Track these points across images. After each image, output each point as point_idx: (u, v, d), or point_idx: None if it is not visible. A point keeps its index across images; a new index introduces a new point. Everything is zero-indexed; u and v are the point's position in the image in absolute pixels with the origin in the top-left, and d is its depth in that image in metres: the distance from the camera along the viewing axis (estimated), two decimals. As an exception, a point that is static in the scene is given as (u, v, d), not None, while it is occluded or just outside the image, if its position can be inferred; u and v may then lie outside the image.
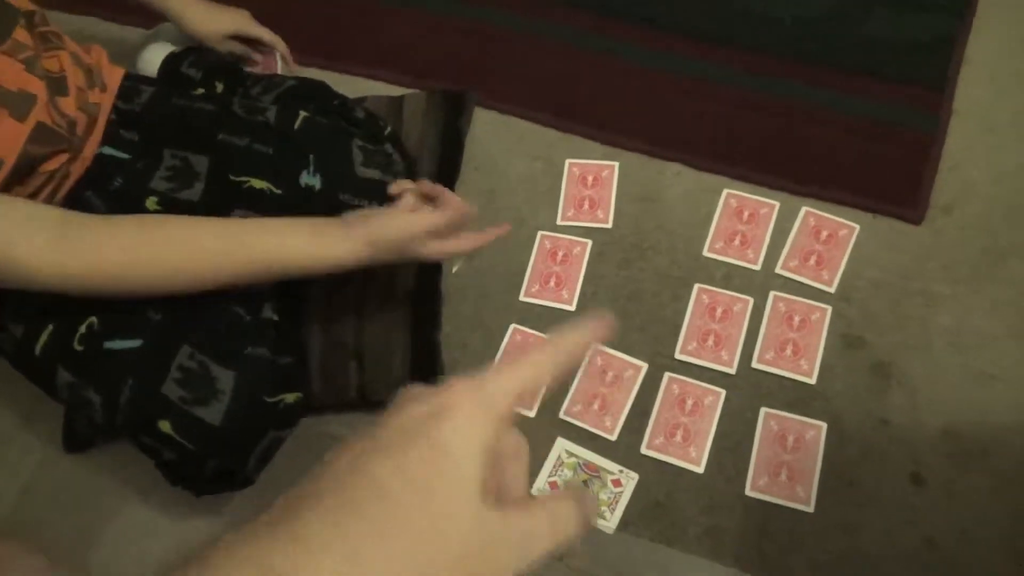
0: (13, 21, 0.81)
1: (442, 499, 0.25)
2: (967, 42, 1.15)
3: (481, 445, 0.26)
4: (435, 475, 0.25)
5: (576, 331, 0.30)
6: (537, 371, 0.29)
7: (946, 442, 0.93)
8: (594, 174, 1.11)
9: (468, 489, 0.25)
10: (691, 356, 0.99)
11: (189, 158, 0.95)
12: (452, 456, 0.26)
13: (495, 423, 0.27)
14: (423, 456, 0.26)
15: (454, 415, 0.27)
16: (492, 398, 0.27)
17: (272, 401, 0.87)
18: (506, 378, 0.28)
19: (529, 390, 0.28)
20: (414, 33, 1.26)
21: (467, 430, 0.26)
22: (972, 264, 1.01)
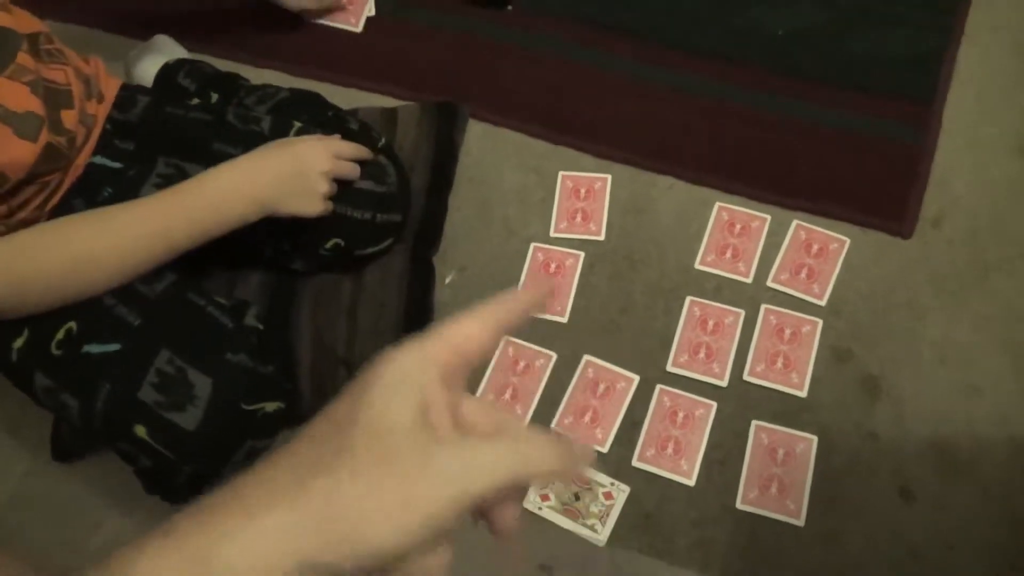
0: (16, 47, 0.82)
1: (360, 425, 0.26)
2: (956, 58, 1.16)
3: (406, 377, 0.27)
4: (354, 404, 0.27)
5: (523, 294, 0.32)
6: (469, 326, 0.30)
7: (933, 455, 0.94)
8: (587, 186, 1.12)
9: (395, 410, 0.26)
10: (683, 368, 0.99)
11: (183, 166, 0.96)
12: (372, 390, 0.27)
13: (422, 362, 0.28)
14: (345, 398, 0.28)
15: (380, 363, 0.28)
16: (420, 343, 0.29)
17: (250, 409, 0.86)
18: (439, 331, 0.29)
19: (465, 344, 0.29)
20: (407, 45, 1.27)
21: (389, 367, 0.28)
22: (960, 278, 1.02)
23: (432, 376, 0.28)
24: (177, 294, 0.90)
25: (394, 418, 0.26)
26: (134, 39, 1.28)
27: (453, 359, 0.29)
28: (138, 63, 1.18)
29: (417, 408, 0.27)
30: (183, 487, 0.87)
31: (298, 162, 0.89)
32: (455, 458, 0.26)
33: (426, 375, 0.28)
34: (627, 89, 1.19)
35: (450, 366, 0.29)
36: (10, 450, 1.07)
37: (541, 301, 0.32)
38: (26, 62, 0.82)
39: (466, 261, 1.10)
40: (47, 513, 1.03)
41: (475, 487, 0.26)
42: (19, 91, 0.81)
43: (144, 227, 0.84)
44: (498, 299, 0.31)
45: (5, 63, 0.80)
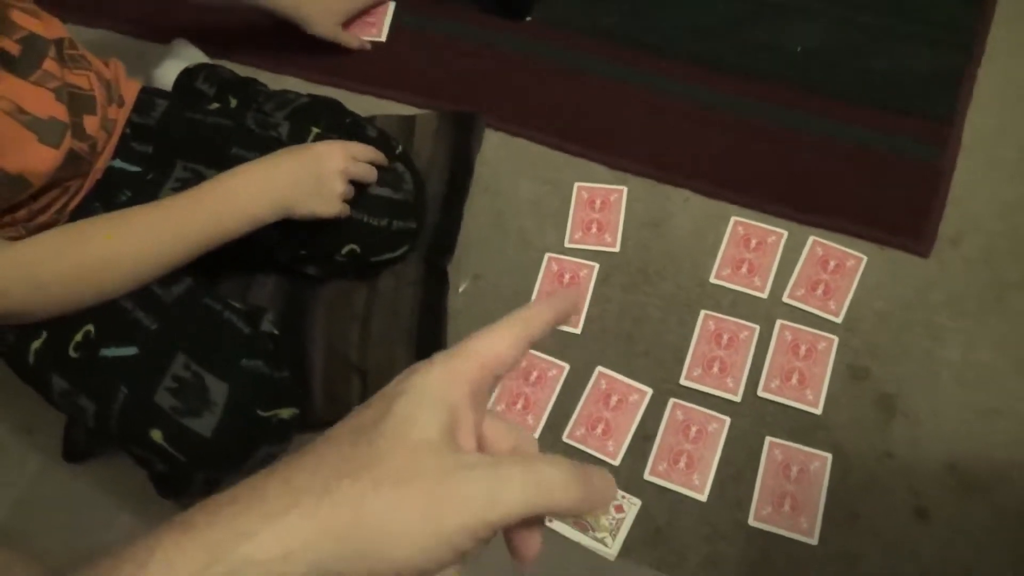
0: (43, 53, 0.83)
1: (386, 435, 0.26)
2: (976, 76, 1.16)
3: (436, 393, 0.28)
4: (383, 414, 0.27)
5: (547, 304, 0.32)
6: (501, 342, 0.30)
7: (950, 476, 0.93)
8: (602, 198, 1.12)
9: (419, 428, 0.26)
10: (696, 382, 0.99)
11: (201, 170, 0.96)
12: (401, 400, 0.27)
13: (454, 380, 0.28)
14: (374, 406, 0.28)
15: (411, 374, 0.29)
16: (452, 359, 0.29)
17: (266, 415, 0.86)
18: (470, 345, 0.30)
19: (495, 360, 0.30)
20: (426, 55, 1.28)
21: (421, 382, 0.28)
22: (978, 298, 1.01)
23: (462, 394, 0.28)
24: (194, 299, 0.91)
25: (422, 433, 0.26)
26: (155, 43, 1.29)
27: (482, 375, 0.29)
28: (158, 67, 1.19)
29: (445, 426, 0.27)
30: (197, 492, 0.86)
31: (315, 163, 0.89)
32: (480, 484, 0.26)
33: (456, 393, 0.28)
34: (644, 102, 1.19)
35: (478, 383, 0.29)
36: (22, 451, 1.07)
37: (567, 313, 0.32)
38: (52, 68, 0.83)
39: (480, 270, 1.10)
40: (58, 514, 1.04)
41: (497, 515, 0.26)
42: (44, 97, 0.82)
43: (161, 229, 0.84)
44: (523, 311, 0.31)
45: (32, 69, 0.81)
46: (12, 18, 0.82)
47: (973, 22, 1.20)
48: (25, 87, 0.81)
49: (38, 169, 0.80)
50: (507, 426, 0.31)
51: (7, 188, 0.79)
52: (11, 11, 0.82)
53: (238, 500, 0.25)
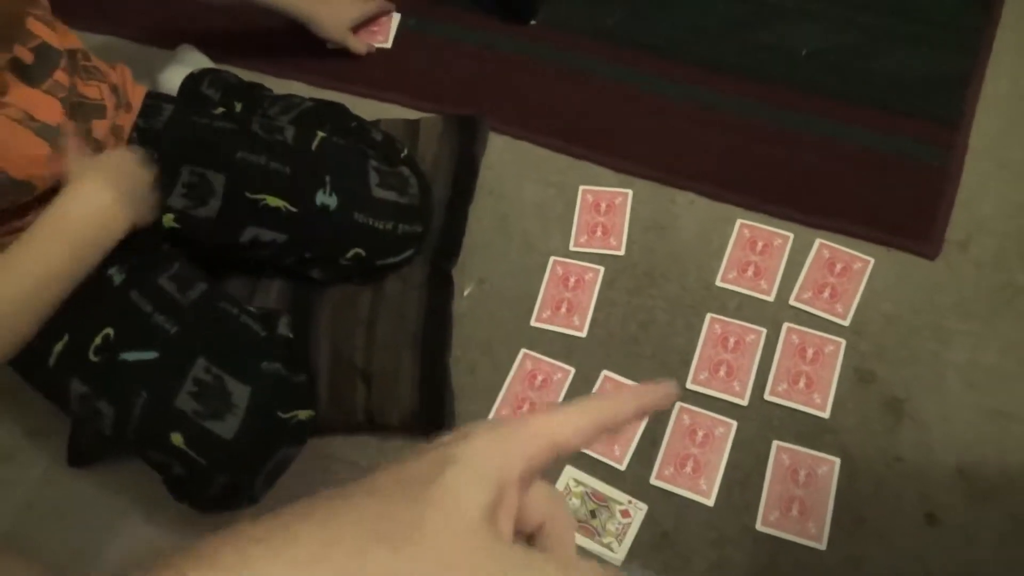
0: (55, 63, 0.83)
1: (434, 505, 0.25)
2: (983, 78, 1.15)
3: (490, 469, 0.26)
4: (433, 477, 0.25)
5: (633, 395, 0.30)
6: (571, 425, 0.28)
7: (960, 481, 0.92)
8: (607, 201, 1.12)
9: (465, 503, 0.25)
10: (702, 386, 0.98)
11: (207, 175, 0.96)
12: (453, 469, 0.25)
13: (512, 456, 0.27)
14: (426, 464, 0.26)
15: (472, 436, 0.27)
16: (516, 431, 0.27)
17: (285, 417, 0.87)
18: (539, 421, 0.28)
19: (560, 443, 0.28)
20: (431, 59, 1.28)
21: (477, 451, 0.26)
22: (986, 301, 1.01)
23: (515, 475, 0.27)
24: (210, 303, 0.91)
25: (466, 512, 0.25)
26: (161, 49, 1.29)
27: (540, 457, 0.27)
28: (163, 72, 1.19)
29: (489, 505, 0.26)
30: (215, 495, 0.86)
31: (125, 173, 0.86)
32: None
33: (509, 472, 0.27)
34: (649, 105, 1.19)
35: (535, 464, 0.27)
36: (28, 456, 1.07)
37: (652, 408, 0.31)
38: (62, 79, 0.83)
39: (485, 273, 1.09)
40: (64, 519, 1.03)
41: None
42: (53, 105, 0.82)
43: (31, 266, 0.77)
44: (605, 400, 0.30)
45: (43, 78, 0.82)
46: (28, 27, 0.82)
47: (979, 24, 1.19)
48: (36, 95, 0.81)
49: (43, 174, 0.81)
50: (547, 494, 0.30)
51: (12, 192, 0.79)
52: (28, 20, 0.83)
53: (269, 540, 0.24)
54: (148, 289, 0.89)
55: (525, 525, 0.29)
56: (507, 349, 1.04)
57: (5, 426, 1.10)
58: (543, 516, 0.29)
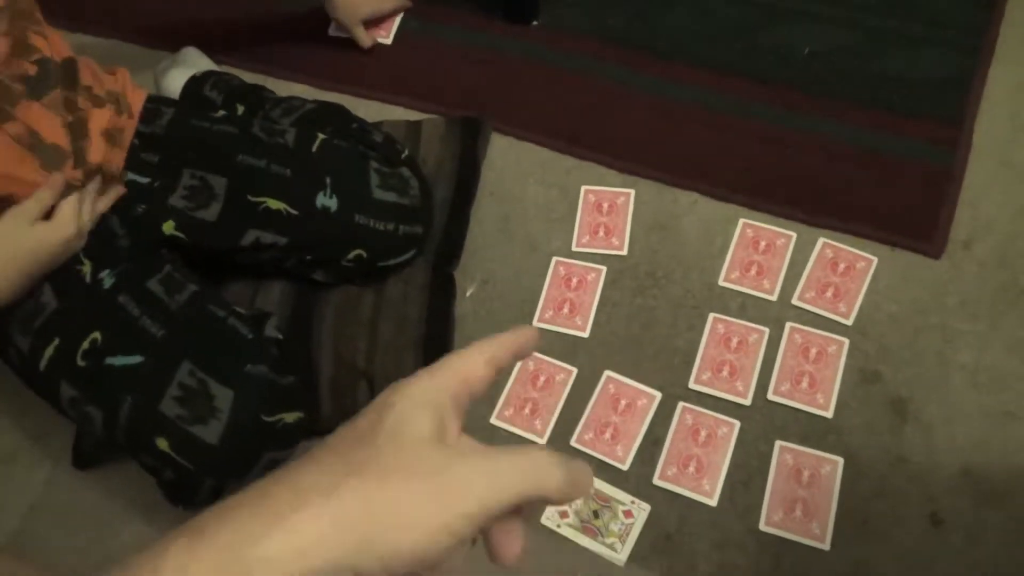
0: (55, 76, 0.84)
1: (384, 433, 0.28)
2: (986, 78, 1.15)
3: (423, 399, 0.30)
4: (377, 421, 0.29)
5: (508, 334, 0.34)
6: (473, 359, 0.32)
7: (965, 482, 0.91)
8: (610, 201, 1.11)
9: (417, 426, 0.28)
10: (705, 386, 0.98)
11: (208, 178, 0.96)
12: (392, 410, 0.29)
13: (436, 388, 0.31)
14: (367, 416, 0.29)
15: (397, 387, 0.31)
16: (431, 373, 0.32)
17: (270, 420, 0.86)
18: (445, 361, 0.32)
19: (470, 375, 0.32)
20: (433, 60, 1.28)
21: (406, 391, 0.30)
22: (991, 300, 1.00)
23: (446, 401, 0.30)
24: (198, 306, 0.91)
25: (417, 431, 0.28)
26: (163, 51, 1.30)
27: (460, 389, 0.31)
28: (166, 75, 1.20)
29: (437, 425, 0.29)
30: (205, 499, 0.86)
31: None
32: (479, 471, 0.28)
33: (441, 399, 0.30)
34: (651, 106, 1.19)
35: (458, 395, 0.31)
36: (32, 458, 1.08)
37: (527, 347, 0.35)
38: (58, 93, 0.84)
39: (487, 274, 1.09)
40: (68, 521, 1.04)
41: (496, 500, 0.27)
42: (53, 122, 0.83)
43: None
44: (492, 338, 0.34)
45: (45, 91, 0.82)
46: (29, 40, 0.83)
47: (982, 23, 1.19)
48: (39, 110, 0.82)
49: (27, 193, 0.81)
50: None
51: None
52: (28, 33, 0.83)
53: (247, 504, 0.26)
54: (136, 293, 0.89)
55: None
56: (509, 350, 1.03)
57: (9, 428, 1.10)
58: None
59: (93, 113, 0.90)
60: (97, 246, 0.91)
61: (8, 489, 1.06)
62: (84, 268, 0.89)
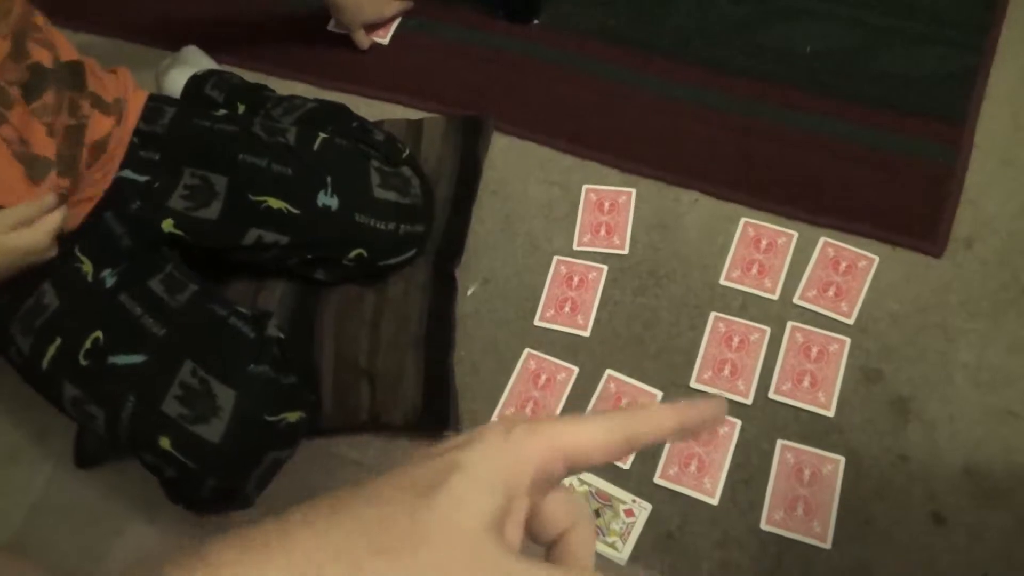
0: (47, 83, 0.83)
1: (436, 514, 0.24)
2: (988, 76, 1.14)
3: (497, 476, 0.25)
4: (437, 484, 0.24)
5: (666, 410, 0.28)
6: (590, 437, 0.27)
7: (967, 481, 0.91)
8: (611, 200, 1.11)
9: (469, 512, 0.24)
10: (706, 385, 0.98)
11: (208, 177, 0.96)
12: (458, 475, 0.24)
13: (522, 464, 0.25)
14: (431, 470, 0.25)
15: (480, 442, 0.25)
16: (528, 438, 0.26)
17: (273, 420, 0.86)
18: (555, 429, 0.26)
19: (575, 455, 0.26)
20: (434, 59, 1.28)
21: (485, 458, 0.25)
22: (993, 299, 1.00)
23: (524, 483, 0.25)
24: (199, 305, 0.91)
25: (470, 521, 0.24)
26: (165, 50, 1.30)
27: (554, 466, 0.26)
28: (167, 74, 1.20)
29: (496, 516, 0.25)
30: (208, 498, 0.86)
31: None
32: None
33: (519, 479, 0.25)
34: (653, 105, 1.19)
35: (548, 473, 0.26)
36: (34, 458, 1.08)
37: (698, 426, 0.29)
38: (51, 100, 0.83)
39: (489, 274, 1.09)
40: (70, 520, 1.04)
41: None
42: (38, 130, 0.83)
43: None
44: (636, 410, 0.28)
45: (34, 97, 0.82)
46: (26, 45, 0.83)
47: (984, 22, 1.19)
48: (28, 117, 0.82)
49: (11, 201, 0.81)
50: (567, 503, 0.28)
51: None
52: (28, 40, 0.83)
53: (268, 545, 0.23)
54: (138, 292, 0.89)
55: (543, 535, 0.28)
56: (511, 348, 1.04)
57: (11, 428, 1.10)
58: (563, 525, 0.28)
59: (95, 120, 0.90)
60: (97, 245, 0.91)
61: (10, 488, 1.06)
62: (84, 267, 0.89)
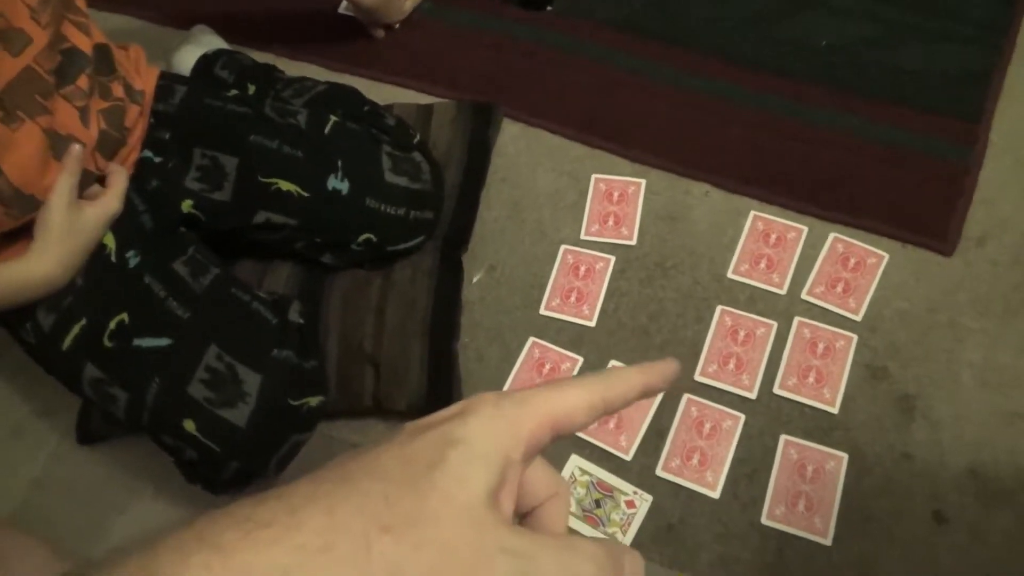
0: (81, 68, 0.83)
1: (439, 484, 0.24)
2: (1005, 75, 1.13)
3: (493, 449, 0.26)
4: (436, 461, 0.25)
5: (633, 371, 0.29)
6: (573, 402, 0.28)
7: (971, 481, 0.91)
8: (620, 190, 1.11)
9: (468, 486, 0.25)
10: (711, 379, 0.97)
11: (219, 158, 0.96)
12: (456, 451, 0.25)
13: (515, 435, 0.26)
14: (429, 444, 0.25)
15: (473, 415, 0.26)
16: (518, 409, 0.27)
17: (297, 404, 0.87)
18: (541, 397, 0.27)
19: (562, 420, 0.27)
20: (446, 45, 1.27)
21: (481, 431, 0.26)
22: (1003, 299, 0.99)
23: (519, 454, 0.26)
24: (222, 289, 0.91)
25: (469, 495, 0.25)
26: (176, 29, 1.29)
27: (543, 433, 0.27)
28: (177, 53, 1.19)
29: (493, 486, 0.25)
30: (228, 480, 0.87)
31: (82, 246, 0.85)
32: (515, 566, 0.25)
33: (512, 450, 0.26)
34: (665, 96, 1.18)
35: (537, 440, 0.27)
36: (37, 434, 1.08)
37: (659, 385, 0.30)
38: (85, 85, 0.83)
39: (495, 261, 1.09)
40: (72, 496, 1.04)
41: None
42: (71, 114, 0.82)
43: None
44: (608, 373, 0.29)
45: (65, 82, 0.81)
46: (63, 30, 0.82)
47: (1003, 20, 1.17)
48: (61, 103, 0.81)
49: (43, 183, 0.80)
50: (547, 474, 0.29)
51: (18, 207, 0.79)
52: (64, 23, 0.82)
53: (274, 524, 0.23)
54: (162, 274, 0.89)
55: (522, 504, 0.29)
56: (516, 337, 1.03)
57: (15, 404, 1.11)
58: (543, 496, 0.29)
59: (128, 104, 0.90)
60: (119, 221, 0.91)
61: (14, 464, 1.07)
62: (109, 245, 0.88)
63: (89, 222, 0.83)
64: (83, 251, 0.84)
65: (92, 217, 0.83)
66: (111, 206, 0.86)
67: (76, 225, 0.82)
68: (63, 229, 0.80)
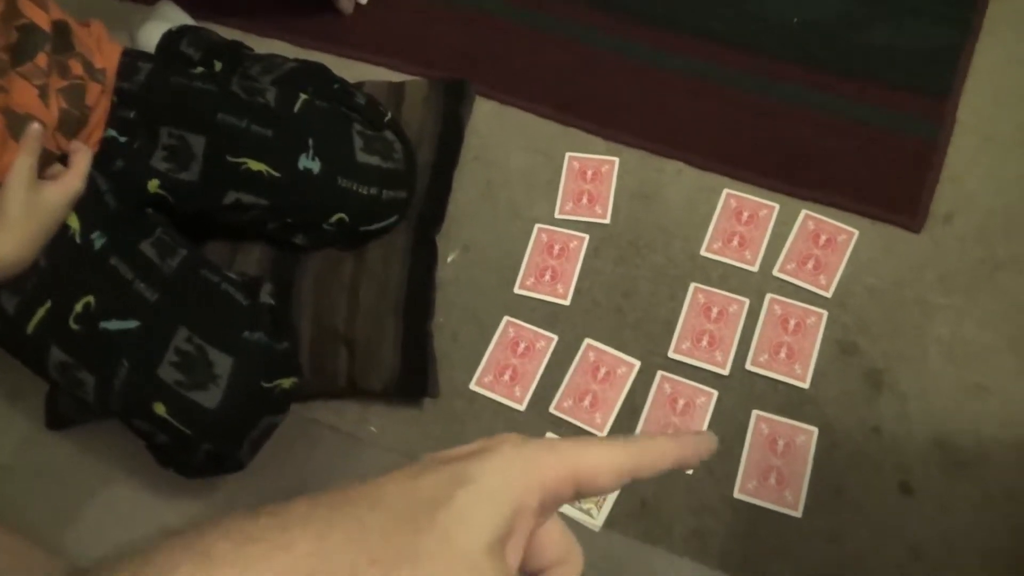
0: (38, 45, 0.80)
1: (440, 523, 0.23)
2: (973, 52, 1.14)
3: (508, 490, 0.24)
4: (442, 499, 0.23)
5: (669, 442, 0.28)
6: (601, 461, 0.26)
7: (936, 452, 0.93)
8: (594, 169, 1.11)
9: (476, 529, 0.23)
10: (684, 356, 0.98)
11: (186, 137, 0.94)
12: (466, 490, 0.24)
13: (534, 480, 0.25)
14: (440, 480, 0.24)
15: (492, 453, 0.25)
16: (541, 453, 0.25)
17: (269, 387, 0.86)
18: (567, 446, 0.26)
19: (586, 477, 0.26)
20: (418, 21, 1.25)
21: (496, 472, 0.24)
22: (969, 274, 1.01)
23: (534, 502, 0.25)
24: (191, 270, 0.90)
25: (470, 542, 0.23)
26: (139, 4, 1.26)
27: (567, 489, 0.25)
28: (141, 29, 1.16)
29: (499, 535, 0.24)
30: (200, 463, 0.86)
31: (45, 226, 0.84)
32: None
33: (528, 498, 0.25)
34: (638, 74, 1.17)
35: (558, 494, 0.25)
36: (6, 419, 1.06)
37: (695, 458, 0.28)
38: (44, 63, 0.81)
39: (469, 240, 1.09)
40: (42, 482, 1.03)
41: None
42: (28, 92, 0.80)
43: None
44: (646, 439, 0.27)
45: (24, 59, 0.79)
46: (18, 5, 0.79)
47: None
48: (14, 80, 0.79)
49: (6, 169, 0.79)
50: (563, 536, 0.28)
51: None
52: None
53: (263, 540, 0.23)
54: (129, 255, 0.88)
55: (529, 562, 0.27)
56: (490, 316, 1.03)
57: (-18, 388, 1.09)
58: (553, 558, 0.28)
59: (89, 83, 0.88)
60: (82, 201, 0.89)
61: (-19, 449, 1.05)
62: (73, 226, 0.86)
63: (50, 202, 0.81)
64: (45, 232, 0.82)
65: (53, 197, 0.82)
66: (73, 185, 0.84)
67: (36, 206, 0.80)
68: (22, 210, 0.78)
